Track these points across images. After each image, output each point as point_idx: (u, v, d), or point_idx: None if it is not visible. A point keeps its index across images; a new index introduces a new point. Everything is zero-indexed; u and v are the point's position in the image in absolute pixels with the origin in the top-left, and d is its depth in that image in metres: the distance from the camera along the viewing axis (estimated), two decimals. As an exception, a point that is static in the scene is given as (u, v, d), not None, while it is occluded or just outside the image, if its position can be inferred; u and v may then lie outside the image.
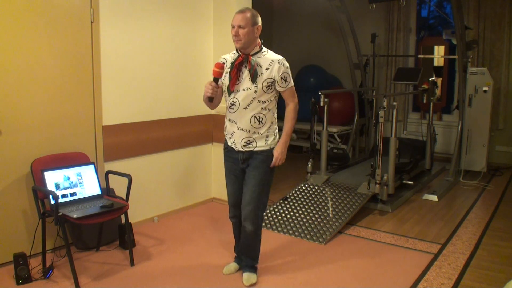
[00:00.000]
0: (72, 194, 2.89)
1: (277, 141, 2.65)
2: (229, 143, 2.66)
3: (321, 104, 4.52)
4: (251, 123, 2.55)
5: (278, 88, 2.56)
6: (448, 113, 6.71)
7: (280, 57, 2.56)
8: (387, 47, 6.85)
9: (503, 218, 4.06)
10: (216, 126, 4.31)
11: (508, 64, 6.01)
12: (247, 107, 2.53)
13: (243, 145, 2.59)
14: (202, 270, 2.95)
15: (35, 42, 2.92)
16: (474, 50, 5.68)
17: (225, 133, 2.71)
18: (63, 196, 2.83)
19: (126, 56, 3.50)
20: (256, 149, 2.59)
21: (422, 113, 6.80)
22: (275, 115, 2.66)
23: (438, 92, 5.91)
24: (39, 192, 2.77)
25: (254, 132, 2.57)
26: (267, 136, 2.60)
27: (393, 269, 2.99)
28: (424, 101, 5.55)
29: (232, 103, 2.57)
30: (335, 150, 5.51)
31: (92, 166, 3.04)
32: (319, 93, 4.50)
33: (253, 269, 2.83)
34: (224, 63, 2.59)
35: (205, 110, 4.25)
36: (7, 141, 2.85)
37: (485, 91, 5.44)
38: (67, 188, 2.87)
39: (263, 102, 2.54)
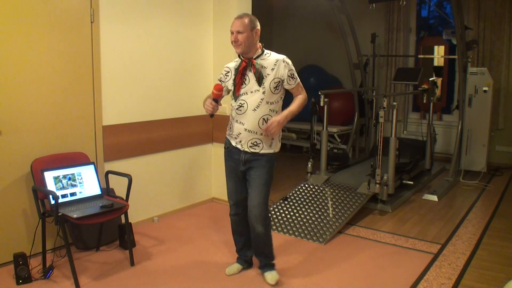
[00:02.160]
0: (72, 194, 2.89)
1: (279, 146, 2.70)
2: (234, 143, 2.66)
3: (321, 104, 4.52)
4: (259, 124, 2.56)
5: (286, 86, 2.59)
6: (448, 113, 6.71)
7: (283, 56, 2.60)
8: (387, 47, 6.85)
9: (503, 218, 4.06)
10: (216, 126, 4.31)
11: (508, 64, 6.01)
12: (255, 109, 2.55)
13: (250, 146, 2.61)
14: (202, 270, 2.95)
15: (35, 42, 2.91)
16: (474, 50, 5.68)
17: (228, 132, 2.72)
18: (63, 196, 2.83)
19: (126, 56, 3.50)
20: (261, 151, 2.62)
21: (422, 113, 6.80)
22: None
23: (438, 92, 5.91)
24: (39, 192, 2.77)
25: (261, 134, 2.58)
26: (272, 139, 2.63)
27: (393, 269, 2.99)
28: (424, 101, 5.56)
29: (240, 105, 2.59)
30: (335, 150, 5.51)
31: (92, 166, 3.04)
32: (319, 93, 4.50)
33: (272, 267, 2.83)
34: (223, 82, 2.69)
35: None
36: (7, 141, 2.85)
37: (485, 91, 5.44)
38: (67, 188, 2.87)
39: (271, 103, 2.57)
